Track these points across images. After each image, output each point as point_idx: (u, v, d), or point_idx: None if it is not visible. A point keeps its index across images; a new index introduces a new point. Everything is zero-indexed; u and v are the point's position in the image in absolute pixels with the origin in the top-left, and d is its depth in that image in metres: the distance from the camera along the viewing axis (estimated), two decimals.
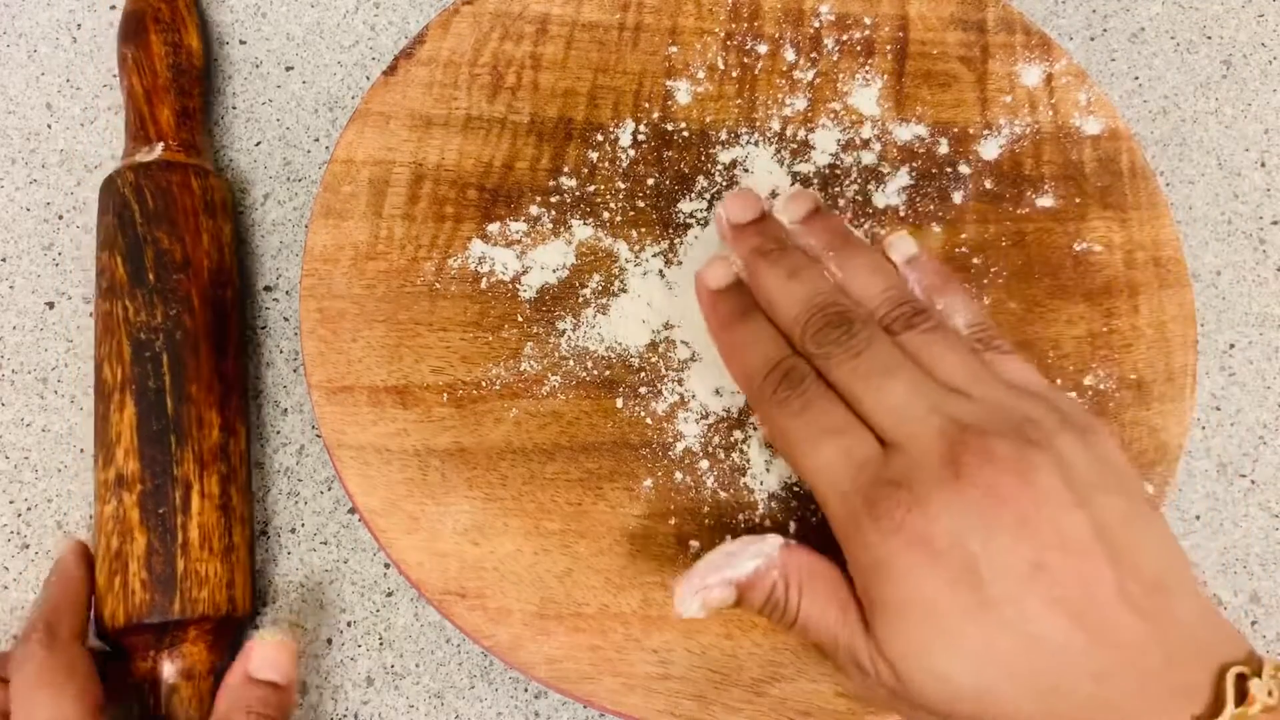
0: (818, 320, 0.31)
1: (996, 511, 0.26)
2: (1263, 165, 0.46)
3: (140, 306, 0.36)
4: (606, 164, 0.39)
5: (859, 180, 0.39)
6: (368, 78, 0.45)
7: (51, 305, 0.41)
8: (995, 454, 0.27)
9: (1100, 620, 0.25)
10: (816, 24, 0.42)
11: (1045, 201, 0.39)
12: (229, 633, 0.35)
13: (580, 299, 0.37)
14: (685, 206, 0.39)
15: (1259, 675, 0.25)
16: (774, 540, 0.29)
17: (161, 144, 0.40)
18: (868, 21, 0.42)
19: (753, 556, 0.28)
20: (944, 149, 0.40)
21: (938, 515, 0.26)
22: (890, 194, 0.39)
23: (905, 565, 0.26)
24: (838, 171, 0.40)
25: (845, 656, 0.28)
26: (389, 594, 0.38)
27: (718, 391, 0.36)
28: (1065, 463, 0.27)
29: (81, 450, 0.39)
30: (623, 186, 0.39)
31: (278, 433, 0.40)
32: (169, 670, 0.34)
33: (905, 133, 0.40)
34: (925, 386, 0.29)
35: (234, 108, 0.44)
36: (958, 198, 0.39)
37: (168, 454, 0.35)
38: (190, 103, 0.41)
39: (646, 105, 0.40)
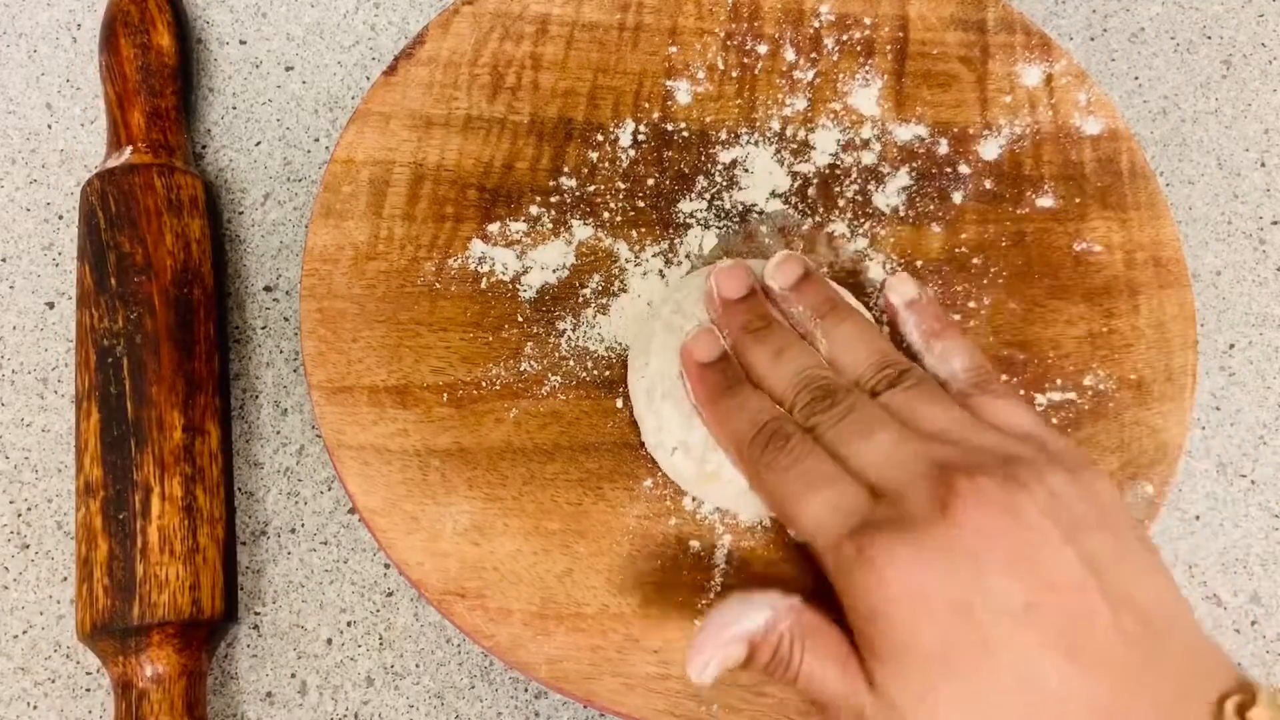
0: (805, 395, 0.32)
1: (986, 551, 0.26)
2: (1263, 165, 0.46)
3: (103, 313, 0.37)
4: (606, 164, 0.39)
5: (859, 180, 0.39)
6: (368, 78, 0.45)
7: (51, 305, 0.41)
8: (982, 493, 0.27)
9: (1096, 656, 0.26)
10: (816, 24, 0.42)
11: (1045, 201, 0.39)
12: (200, 635, 0.35)
13: (580, 299, 0.37)
14: (685, 206, 0.39)
15: (1254, 704, 0.25)
16: (776, 595, 0.29)
17: (131, 148, 0.40)
18: (868, 21, 0.42)
19: (761, 607, 0.28)
20: (944, 149, 0.40)
21: (929, 557, 0.27)
22: (890, 194, 0.39)
23: (901, 610, 0.26)
24: (838, 171, 0.40)
25: (848, 715, 0.28)
26: (389, 594, 0.38)
27: None
28: (1053, 500, 0.27)
29: None
30: (623, 186, 0.39)
31: (278, 433, 0.40)
32: (138, 675, 0.34)
33: (905, 133, 0.40)
34: (909, 437, 0.30)
35: (234, 108, 0.45)
36: (958, 198, 0.39)
37: (128, 458, 0.35)
38: (162, 102, 0.41)
39: (646, 105, 0.40)
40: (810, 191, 0.39)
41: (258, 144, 0.44)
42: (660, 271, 0.38)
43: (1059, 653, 0.26)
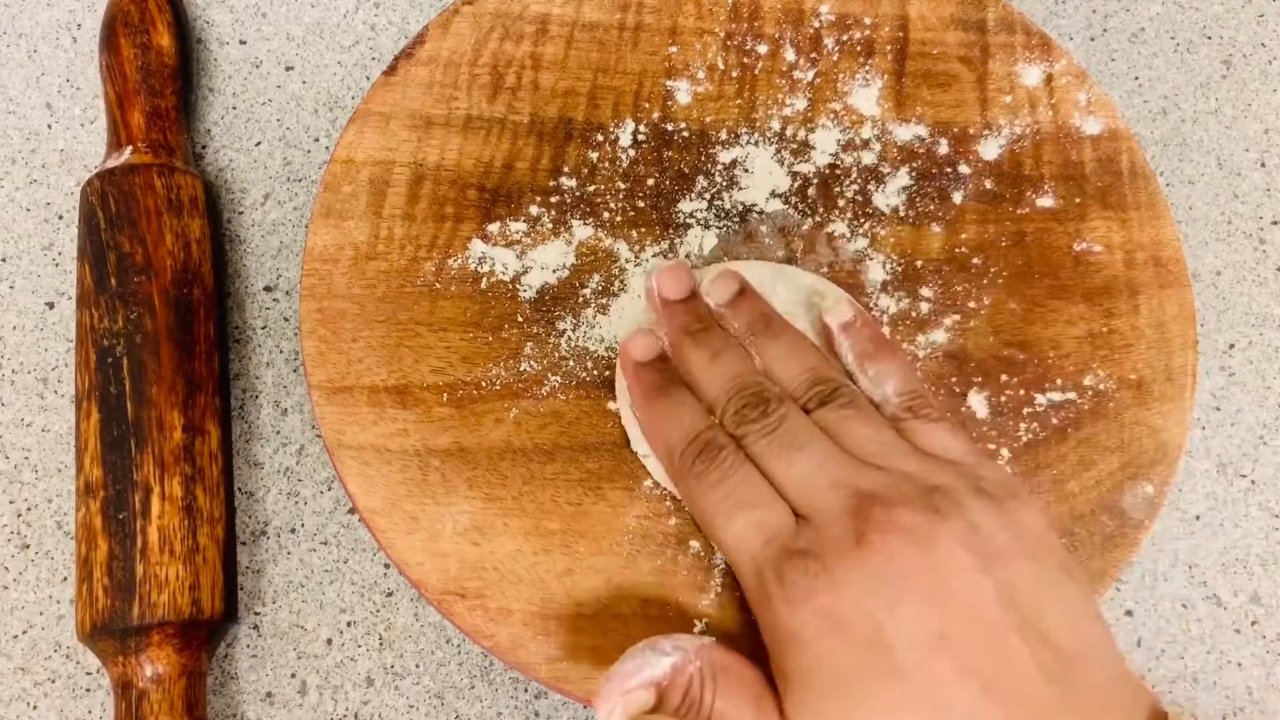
0: (736, 401, 0.32)
1: (900, 581, 0.26)
2: (1263, 165, 0.46)
3: (103, 313, 0.37)
4: (606, 164, 0.39)
5: (859, 180, 0.39)
6: (368, 78, 0.45)
7: (51, 305, 0.41)
8: (897, 523, 0.27)
9: (1010, 689, 0.25)
10: (816, 24, 0.42)
11: (1045, 201, 0.39)
12: (200, 635, 0.35)
13: (580, 299, 0.37)
14: (685, 206, 0.39)
15: None
16: (688, 637, 0.29)
17: (130, 148, 0.40)
18: (868, 21, 0.42)
19: (669, 651, 0.28)
20: (944, 149, 0.40)
21: (843, 585, 0.26)
22: (890, 194, 0.39)
23: (814, 634, 0.26)
24: (838, 171, 0.40)
25: None
26: (389, 594, 0.38)
27: None
28: (973, 530, 0.27)
29: None
30: (623, 186, 0.39)
31: (278, 433, 0.40)
32: (138, 675, 0.34)
33: (905, 133, 0.40)
34: (835, 459, 0.30)
35: (234, 108, 0.45)
36: (958, 198, 0.39)
37: (128, 458, 0.35)
38: (162, 102, 0.41)
39: (646, 105, 0.40)
40: (810, 191, 0.39)
41: (258, 144, 0.44)
42: None
43: (973, 684, 0.25)
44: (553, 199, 0.38)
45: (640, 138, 0.40)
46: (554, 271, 0.37)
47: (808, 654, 0.26)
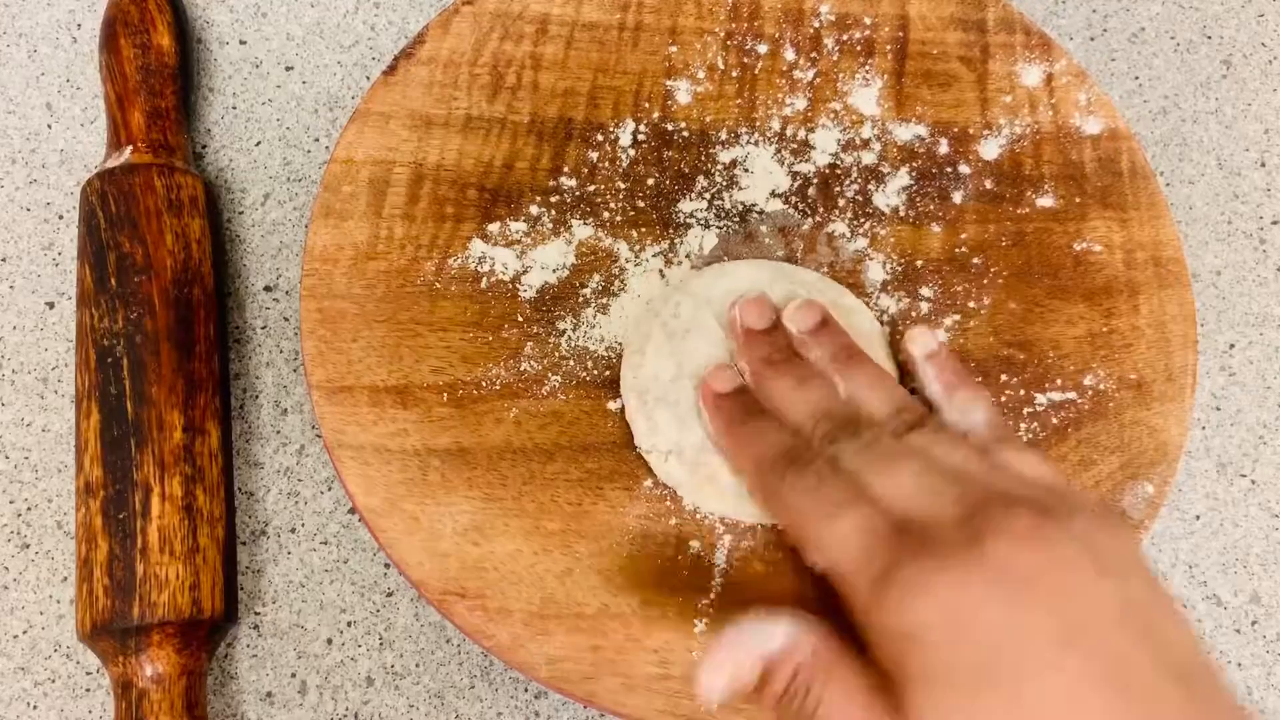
0: (825, 424, 0.31)
1: (1021, 583, 0.26)
2: (1263, 165, 0.46)
3: (104, 313, 0.37)
4: (606, 164, 0.39)
5: (859, 180, 0.39)
6: (368, 78, 0.45)
7: (51, 305, 0.41)
8: (1015, 525, 0.27)
9: (1143, 691, 0.25)
10: (816, 24, 0.42)
11: (1045, 201, 0.39)
12: (200, 635, 0.35)
13: (580, 299, 0.37)
14: (685, 206, 0.39)
15: None
16: (797, 618, 0.28)
17: (130, 147, 0.40)
18: (868, 21, 0.42)
19: (780, 629, 0.27)
20: (944, 149, 0.40)
21: (963, 585, 0.26)
22: (890, 194, 0.39)
23: (934, 636, 0.26)
24: (838, 171, 0.40)
25: None
26: (389, 594, 0.38)
27: None
28: (1085, 537, 0.27)
29: None
30: (623, 186, 0.39)
31: (278, 433, 0.40)
32: (138, 675, 0.33)
33: (905, 133, 0.40)
34: (934, 470, 0.29)
35: (234, 108, 0.44)
36: (958, 198, 0.39)
37: (128, 459, 0.35)
38: (162, 102, 0.41)
39: (646, 105, 0.40)
40: (810, 191, 0.39)
41: (258, 144, 0.44)
42: (660, 271, 0.38)
43: (1103, 684, 0.25)
44: (553, 199, 0.38)
45: (640, 137, 0.40)
46: (554, 271, 0.37)
47: (927, 655, 0.26)
